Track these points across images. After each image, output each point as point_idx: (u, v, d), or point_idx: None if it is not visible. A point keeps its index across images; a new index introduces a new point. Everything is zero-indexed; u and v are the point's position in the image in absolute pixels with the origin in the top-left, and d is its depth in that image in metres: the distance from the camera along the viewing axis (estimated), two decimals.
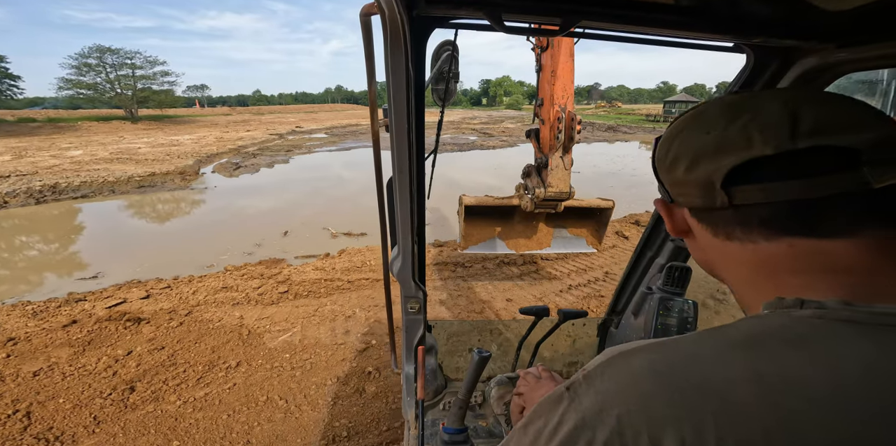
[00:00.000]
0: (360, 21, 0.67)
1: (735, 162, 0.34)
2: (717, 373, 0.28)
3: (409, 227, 0.99)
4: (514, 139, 22.28)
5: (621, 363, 0.32)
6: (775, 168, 0.33)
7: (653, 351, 0.32)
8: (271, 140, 22.84)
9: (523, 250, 3.80)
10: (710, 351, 0.30)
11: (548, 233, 3.82)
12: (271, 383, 2.73)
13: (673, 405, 0.27)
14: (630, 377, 0.31)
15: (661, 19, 0.65)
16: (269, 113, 56.60)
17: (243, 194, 9.80)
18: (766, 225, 0.35)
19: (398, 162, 0.87)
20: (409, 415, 1.25)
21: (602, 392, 0.31)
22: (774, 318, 0.32)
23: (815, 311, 0.30)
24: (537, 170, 3.36)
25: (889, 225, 0.32)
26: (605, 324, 1.59)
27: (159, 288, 4.14)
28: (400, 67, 0.70)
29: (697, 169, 0.37)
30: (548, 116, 3.19)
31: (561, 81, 3.12)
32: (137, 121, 32.97)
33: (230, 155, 16.43)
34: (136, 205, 8.72)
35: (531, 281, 4.49)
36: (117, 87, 34.63)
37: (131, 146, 18.59)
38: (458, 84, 1.06)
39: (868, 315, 0.29)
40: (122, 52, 34.73)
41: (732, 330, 0.31)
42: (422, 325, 1.18)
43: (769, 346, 0.29)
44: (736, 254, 0.38)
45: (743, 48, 0.82)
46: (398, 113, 0.78)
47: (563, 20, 0.62)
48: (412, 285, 1.10)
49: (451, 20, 0.70)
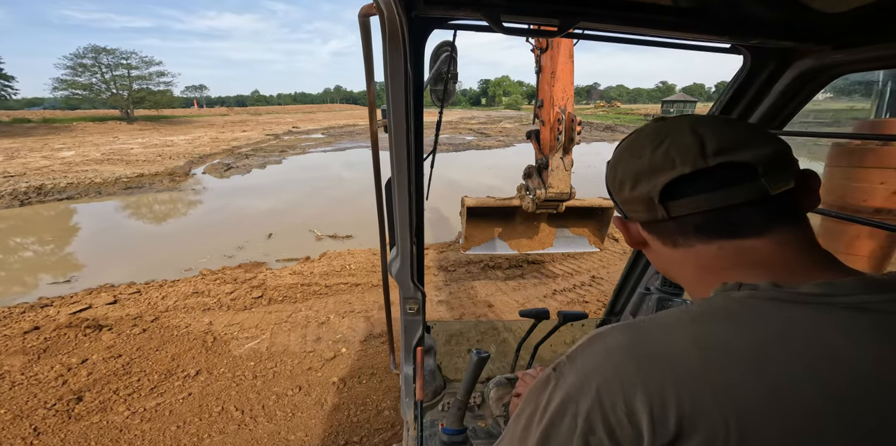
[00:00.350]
0: (358, 22, 0.67)
1: (665, 180, 0.41)
2: (670, 344, 0.35)
3: (408, 228, 0.98)
4: (511, 139, 22.19)
5: (598, 341, 0.38)
6: (696, 183, 0.41)
7: (624, 330, 0.38)
8: (267, 140, 22.73)
9: (525, 250, 3.80)
10: (667, 327, 0.36)
11: (550, 233, 3.84)
12: (229, 393, 2.62)
13: (639, 373, 0.33)
14: (605, 352, 0.36)
15: (658, 20, 0.65)
16: (266, 113, 56.55)
17: (231, 195, 9.69)
18: (700, 231, 0.42)
19: (397, 162, 0.87)
20: (408, 416, 1.24)
21: (582, 368, 0.36)
22: (717, 299, 0.38)
23: (749, 292, 0.37)
24: (538, 171, 3.39)
25: (793, 223, 0.41)
26: (604, 324, 1.63)
27: (128, 293, 4.04)
28: (399, 68, 0.70)
29: (638, 188, 0.44)
30: (548, 117, 3.21)
31: (561, 83, 3.14)
32: (133, 121, 32.86)
33: (223, 155, 16.32)
34: (120, 208, 8.61)
35: (515, 285, 4.38)
36: (113, 87, 34.47)
37: (124, 147, 18.48)
38: (456, 85, 1.05)
39: (790, 294, 0.35)
40: (117, 53, 34.70)
41: (686, 309, 0.38)
42: (420, 326, 1.17)
43: (710, 320, 0.35)
44: (682, 258, 0.45)
45: (740, 49, 0.82)
46: (397, 113, 0.78)
47: (561, 21, 0.63)
48: (411, 286, 1.09)
49: (449, 21, 0.69)
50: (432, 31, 0.70)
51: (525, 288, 4.34)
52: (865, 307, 0.34)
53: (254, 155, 16.49)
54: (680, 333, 0.35)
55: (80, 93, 33.79)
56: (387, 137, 0.86)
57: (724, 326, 0.35)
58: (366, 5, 0.64)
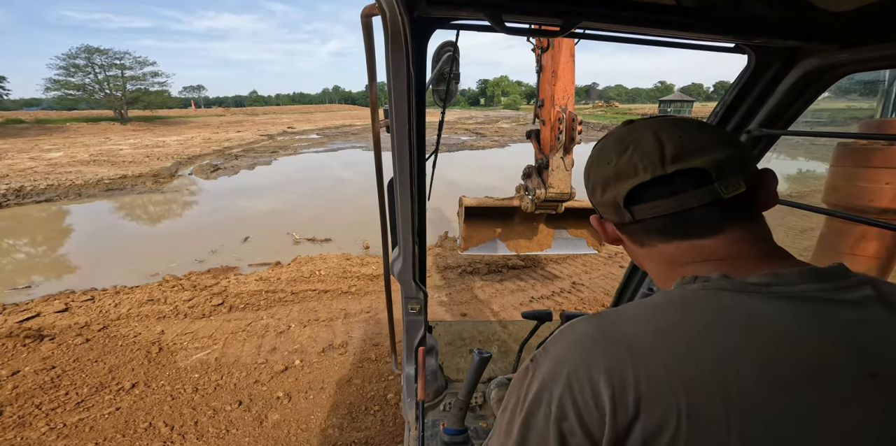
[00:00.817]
0: (361, 22, 0.67)
1: (628, 187, 0.46)
2: (630, 330, 0.38)
3: (410, 228, 0.98)
4: (506, 139, 22.07)
5: (568, 331, 0.42)
6: (655, 189, 0.45)
7: (591, 319, 0.42)
8: (260, 141, 22.60)
9: (524, 251, 3.80)
10: (630, 315, 0.41)
11: (548, 234, 3.80)
12: (161, 408, 2.49)
13: (602, 357, 0.37)
14: (574, 339, 0.40)
15: (662, 20, 0.65)
16: (263, 113, 56.38)
17: (214, 197, 9.56)
18: (661, 232, 0.47)
19: (399, 162, 0.87)
20: (410, 416, 1.24)
21: (555, 356, 0.40)
22: (675, 291, 0.43)
23: (702, 284, 0.41)
24: (538, 171, 3.36)
25: (745, 221, 0.45)
26: None
27: (81, 300, 3.90)
28: (401, 68, 0.70)
29: (606, 193, 0.49)
30: (548, 117, 3.18)
31: (562, 82, 3.11)
32: (127, 122, 32.70)
33: (213, 156, 16.19)
34: (97, 210, 8.46)
35: (493, 293, 4.25)
36: (107, 87, 34.28)
37: (114, 148, 18.33)
38: (458, 85, 1.06)
39: (738, 284, 0.39)
40: (111, 53, 34.50)
41: (648, 300, 0.42)
42: (422, 326, 1.17)
43: (667, 308, 0.40)
44: (649, 255, 0.50)
45: (744, 49, 0.81)
46: (399, 114, 0.78)
47: (563, 21, 0.63)
48: (413, 286, 1.09)
49: (451, 21, 0.69)
50: (434, 31, 0.70)
51: (502, 295, 4.20)
52: (804, 296, 0.37)
53: (244, 156, 16.36)
54: (640, 320, 0.39)
55: (73, 93, 33.58)
56: (388, 137, 0.87)
57: (678, 313, 0.38)
58: (368, 5, 0.64)
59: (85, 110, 40.17)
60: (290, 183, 11.04)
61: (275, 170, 13.54)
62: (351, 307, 3.98)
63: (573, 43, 3.02)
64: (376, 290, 4.31)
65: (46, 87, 32.34)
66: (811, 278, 0.38)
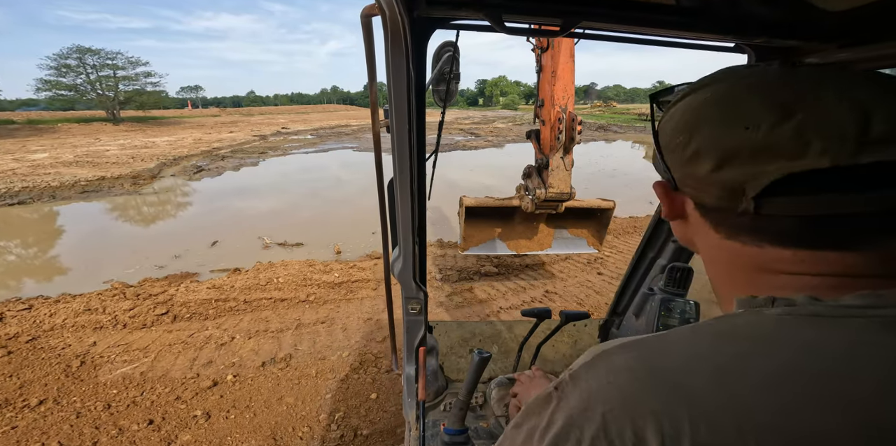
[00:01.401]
0: (360, 22, 0.67)
1: (781, 172, 0.30)
2: (685, 368, 0.29)
3: (410, 228, 0.98)
4: (500, 139, 21.94)
5: (603, 362, 0.33)
6: (820, 182, 0.30)
7: (631, 349, 0.33)
8: (251, 141, 22.44)
9: (524, 251, 3.79)
10: (681, 348, 0.31)
11: (548, 233, 3.79)
12: (62, 427, 2.34)
13: (649, 400, 0.29)
14: (611, 375, 0.32)
15: (662, 20, 0.65)
16: (259, 114, 56.23)
17: (191, 200, 9.40)
18: (782, 237, 0.33)
19: (399, 162, 0.87)
20: (410, 416, 1.24)
21: (586, 390, 0.32)
22: (744, 317, 0.32)
23: (784, 309, 0.31)
24: (538, 171, 3.34)
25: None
26: (607, 325, 1.60)
27: (18, 309, 3.75)
28: (401, 68, 0.70)
29: (726, 170, 0.33)
30: (548, 117, 3.17)
31: (562, 82, 3.10)
32: (120, 122, 32.54)
33: (200, 157, 16.04)
34: (68, 213, 8.30)
35: (461, 301, 4.08)
36: (99, 88, 34.11)
37: (101, 149, 18.18)
38: (458, 85, 1.05)
39: (834, 308, 0.29)
40: (102, 53, 34.29)
41: (705, 327, 0.32)
42: (423, 326, 1.17)
43: (731, 340, 0.30)
44: (727, 250, 0.37)
45: (744, 48, 0.82)
46: (399, 114, 0.78)
47: (563, 21, 0.63)
48: (413, 286, 1.09)
49: (451, 21, 0.69)
50: (434, 31, 0.70)
51: (470, 305, 4.03)
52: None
53: (231, 157, 16.21)
54: (696, 354, 0.30)
55: (64, 94, 33.37)
56: (388, 137, 0.87)
57: (749, 347, 0.29)
58: (368, 6, 0.64)
59: (80, 111, 39.97)
60: (271, 185, 10.88)
61: (260, 171, 13.38)
62: (306, 317, 3.83)
63: (573, 43, 3.00)
64: (336, 299, 4.15)
65: (37, 87, 32.21)
66: None
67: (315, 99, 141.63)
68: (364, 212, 7.69)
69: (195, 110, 64.16)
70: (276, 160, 15.82)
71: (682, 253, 1.27)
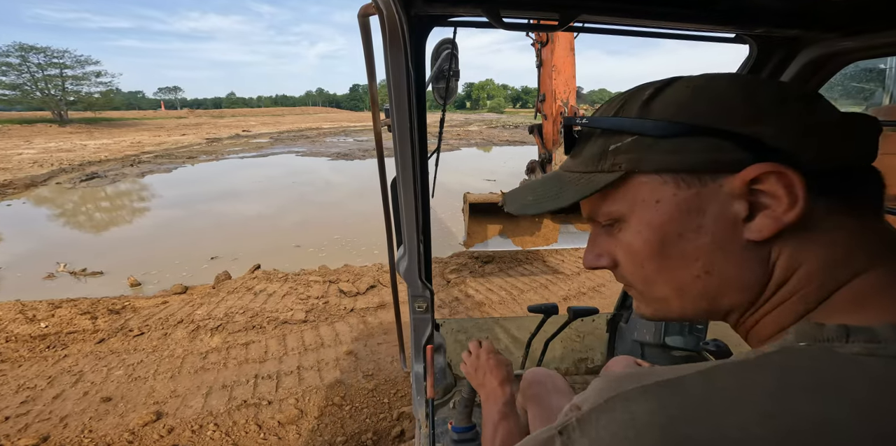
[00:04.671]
0: (358, 22, 0.66)
1: None
2: (730, 428, 0.22)
3: (415, 227, 0.98)
4: (462, 143, 20.91)
5: (620, 409, 0.26)
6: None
7: (657, 396, 0.25)
8: (194, 145, 20.95)
9: (529, 246, 3.77)
10: (724, 397, 0.24)
11: (554, 228, 3.76)
12: None
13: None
14: (630, 430, 0.24)
15: (661, 12, 0.65)
16: (231, 116, 54.32)
17: (34, 213, 7.98)
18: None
19: (401, 161, 0.87)
20: (420, 414, 1.24)
21: (598, 442, 0.25)
22: (808, 356, 0.25)
23: (864, 346, 0.24)
24: (541, 166, 3.32)
25: None
26: (615, 319, 1.60)
27: None
28: (400, 67, 0.70)
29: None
30: (550, 111, 3.13)
31: (563, 76, 3.07)
32: (67, 124, 30.57)
33: (118, 162, 14.50)
34: None
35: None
36: (47, 87, 31.96)
37: (13, 152, 16.51)
38: (458, 82, 0.99)
39: None
40: (48, 51, 32.13)
41: (754, 370, 0.25)
42: (430, 324, 1.17)
43: (798, 395, 0.22)
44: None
45: (745, 39, 0.82)
46: (400, 113, 0.78)
47: (561, 15, 0.63)
48: (419, 284, 1.09)
49: (449, 18, 0.70)
50: (432, 28, 0.71)
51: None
52: None
53: (150, 162, 14.71)
54: (747, 410, 0.22)
55: (5, 93, 31.13)
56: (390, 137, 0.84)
57: (829, 408, 0.21)
58: (365, 5, 0.63)
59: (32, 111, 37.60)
60: (149, 196, 9.58)
61: (162, 179, 11.84)
62: None
63: (572, 37, 3.03)
64: (31, 356, 2.77)
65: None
66: None
67: (300, 101, 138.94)
68: (227, 236, 6.39)
69: (168, 111, 61.74)
70: (198, 166, 14.31)
71: None
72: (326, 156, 16.16)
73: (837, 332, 0.25)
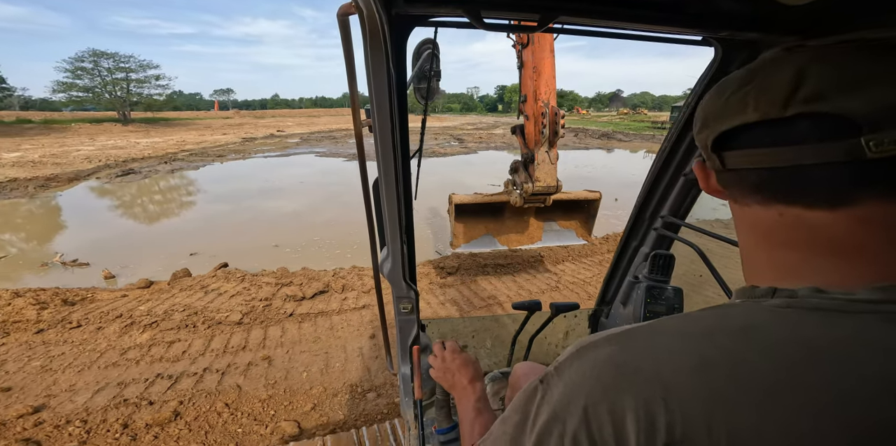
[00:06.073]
0: (337, 21, 0.65)
1: (723, 128, 0.35)
2: (668, 364, 0.29)
3: (398, 228, 0.98)
4: (482, 146, 20.70)
5: (586, 355, 0.33)
6: (760, 134, 0.33)
7: (614, 343, 0.33)
8: (230, 144, 22.39)
9: (515, 245, 3.85)
10: (665, 341, 0.31)
11: (538, 227, 3.83)
12: None
13: (629, 395, 0.29)
14: (593, 369, 0.32)
15: (635, 14, 0.68)
16: (271, 116, 57.50)
17: (57, 203, 8.82)
18: (759, 190, 0.35)
19: (383, 162, 0.86)
20: (409, 416, 1.24)
21: (569, 384, 0.32)
22: (740, 308, 0.32)
23: (784, 300, 0.31)
24: (524, 166, 3.39)
25: (888, 196, 0.29)
26: (596, 314, 1.64)
27: None
28: (381, 67, 0.69)
29: (703, 131, 0.38)
30: (532, 112, 3.23)
31: (543, 77, 3.15)
32: (129, 123, 33.82)
33: (157, 160, 15.79)
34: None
35: None
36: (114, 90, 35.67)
37: (72, 149, 18.47)
38: (440, 82, 1.03)
39: (842, 302, 0.29)
40: (116, 57, 35.71)
41: (692, 320, 0.32)
42: (415, 325, 1.17)
43: (723, 337, 0.29)
44: (741, 218, 0.38)
45: (711, 42, 0.86)
46: (381, 113, 0.78)
47: (541, 16, 0.64)
48: (403, 285, 1.09)
49: (430, 18, 0.71)
50: (413, 28, 0.71)
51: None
52: None
53: (183, 160, 15.85)
54: (683, 348, 0.30)
55: (79, 95, 35.13)
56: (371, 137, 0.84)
57: (740, 341, 0.28)
58: (344, 4, 0.62)
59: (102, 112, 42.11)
60: (165, 191, 10.27)
61: (192, 176, 12.70)
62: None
63: (552, 39, 3.09)
64: None
65: (53, 89, 34.10)
66: None
67: (337, 102, 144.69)
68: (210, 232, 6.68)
69: (219, 112, 66.67)
70: (226, 164, 15.25)
71: (664, 241, 1.32)
72: (343, 157, 16.62)
73: (766, 291, 0.32)
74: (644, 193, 1.34)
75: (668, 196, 1.30)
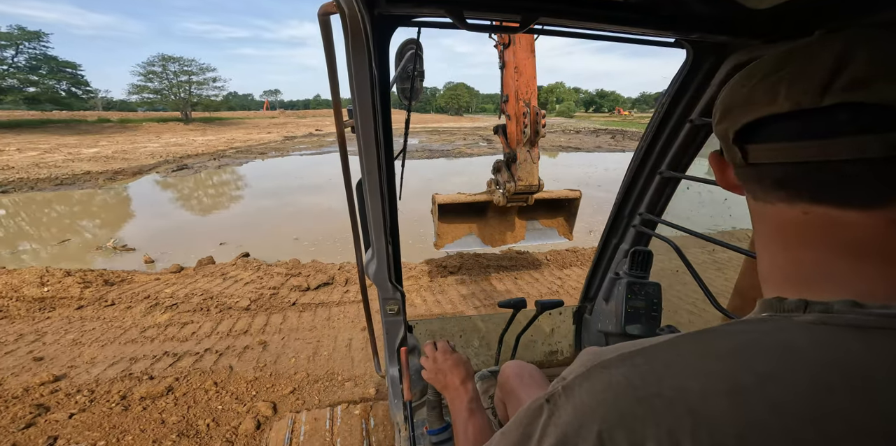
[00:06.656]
0: (318, 21, 0.66)
1: (748, 119, 0.32)
2: (694, 388, 0.26)
3: (383, 229, 0.98)
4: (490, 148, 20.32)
5: (599, 375, 0.31)
6: (789, 126, 0.30)
7: (629, 363, 0.30)
8: (273, 142, 23.81)
9: (499, 245, 3.88)
10: (689, 362, 0.28)
11: (522, 226, 3.87)
12: None
13: (650, 423, 0.26)
14: (608, 392, 0.29)
15: (612, 16, 0.70)
16: (312, 116, 60.19)
17: (123, 194, 9.87)
18: (782, 186, 0.32)
19: (367, 163, 0.87)
20: (398, 418, 1.24)
21: (580, 406, 0.30)
22: (770, 325, 0.29)
23: (818, 316, 0.28)
24: (506, 165, 3.44)
25: None
26: (580, 311, 1.68)
27: None
28: (363, 67, 0.70)
29: (723, 122, 0.36)
30: (513, 112, 3.28)
31: (524, 77, 3.20)
32: (190, 122, 37.09)
33: (208, 156, 17.20)
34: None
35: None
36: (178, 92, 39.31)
37: (139, 146, 20.58)
38: (423, 83, 1.01)
39: (879, 318, 0.26)
40: (181, 61, 39.11)
41: (718, 338, 0.29)
42: (402, 326, 1.17)
43: (755, 359, 0.26)
44: (761, 214, 0.36)
45: (683, 44, 0.89)
46: (364, 113, 0.78)
47: (522, 17, 0.66)
48: (389, 287, 1.09)
49: (413, 18, 0.70)
50: (396, 28, 0.71)
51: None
52: None
53: (230, 157, 17.08)
54: (711, 369, 0.27)
55: (150, 97, 39.09)
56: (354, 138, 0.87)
57: (775, 365, 0.25)
58: (325, 4, 0.63)
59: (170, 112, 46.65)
60: (210, 185, 11.08)
61: (235, 172, 13.72)
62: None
63: (533, 39, 3.13)
64: (25, 315, 3.51)
65: (129, 91, 38.29)
66: None
67: None
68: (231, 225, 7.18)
69: (267, 112, 71.26)
70: (268, 161, 16.26)
71: (642, 237, 1.34)
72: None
73: (797, 304, 0.29)
74: (623, 191, 1.35)
75: (646, 194, 1.31)
